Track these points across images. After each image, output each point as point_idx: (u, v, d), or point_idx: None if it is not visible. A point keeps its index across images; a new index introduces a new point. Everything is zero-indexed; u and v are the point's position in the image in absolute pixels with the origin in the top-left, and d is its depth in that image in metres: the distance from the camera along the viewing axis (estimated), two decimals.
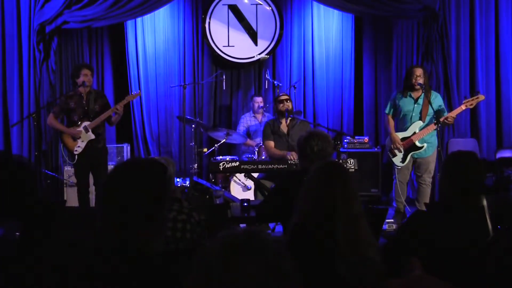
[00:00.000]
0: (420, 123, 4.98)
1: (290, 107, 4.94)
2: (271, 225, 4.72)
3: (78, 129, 4.93)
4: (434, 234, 2.05)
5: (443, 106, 5.08)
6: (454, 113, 4.99)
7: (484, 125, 6.34)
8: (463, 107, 4.99)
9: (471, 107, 5.08)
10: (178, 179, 5.69)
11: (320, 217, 1.82)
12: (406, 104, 5.02)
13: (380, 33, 6.85)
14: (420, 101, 4.97)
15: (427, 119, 4.98)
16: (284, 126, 4.94)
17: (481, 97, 5.05)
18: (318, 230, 1.80)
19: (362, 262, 1.76)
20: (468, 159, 2.26)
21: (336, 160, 3.86)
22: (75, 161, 4.98)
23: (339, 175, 1.94)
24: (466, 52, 6.30)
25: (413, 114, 4.99)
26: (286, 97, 4.98)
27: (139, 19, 6.59)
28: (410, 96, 5.02)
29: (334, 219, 1.80)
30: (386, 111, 5.20)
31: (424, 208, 4.68)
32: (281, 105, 4.90)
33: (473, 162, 2.25)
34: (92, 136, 4.96)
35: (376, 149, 6.30)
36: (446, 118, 4.88)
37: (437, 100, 5.05)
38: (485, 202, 2.23)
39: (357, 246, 1.78)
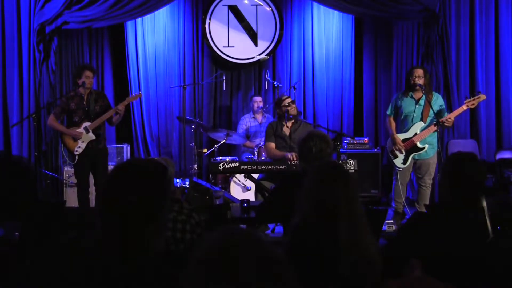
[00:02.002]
0: (421, 124, 4.98)
1: (294, 110, 4.93)
2: (271, 225, 4.72)
3: (79, 129, 4.93)
4: (434, 235, 2.05)
5: (443, 107, 5.07)
6: (455, 113, 4.99)
7: (484, 126, 6.34)
8: (464, 107, 4.98)
9: (473, 107, 5.07)
10: (178, 180, 5.69)
11: (322, 218, 1.82)
12: (408, 105, 5.02)
13: (380, 34, 6.86)
14: (422, 102, 4.96)
15: (428, 120, 4.97)
16: (286, 129, 4.94)
17: (483, 97, 5.03)
18: (319, 230, 1.80)
19: (363, 262, 1.76)
20: (468, 160, 2.26)
21: (335, 160, 3.86)
22: (75, 162, 4.98)
23: (340, 175, 1.94)
24: (466, 53, 6.30)
25: (415, 115, 4.98)
26: (289, 100, 4.96)
27: (139, 20, 6.59)
28: (412, 97, 5.01)
29: (336, 219, 1.80)
30: (388, 112, 5.19)
31: (424, 210, 4.68)
32: (284, 108, 4.89)
33: (473, 163, 2.25)
34: (93, 137, 4.96)
35: (376, 150, 6.30)
36: (446, 119, 4.88)
37: (438, 101, 5.04)
38: (485, 203, 2.23)
39: (359, 246, 1.78)
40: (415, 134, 4.98)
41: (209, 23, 6.75)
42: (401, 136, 5.03)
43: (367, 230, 1.85)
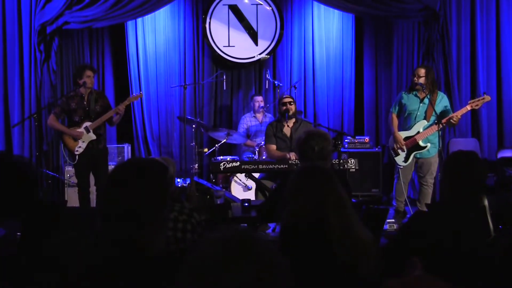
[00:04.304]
0: (424, 123, 4.97)
1: (293, 109, 4.93)
2: (271, 225, 4.72)
3: (79, 129, 4.93)
4: (435, 234, 2.04)
5: (448, 108, 5.06)
6: (459, 113, 4.97)
7: (485, 125, 6.33)
8: (468, 107, 4.96)
9: (477, 107, 5.05)
10: (178, 179, 5.69)
11: (311, 219, 1.82)
12: (412, 103, 5.01)
13: (380, 33, 6.85)
14: (426, 100, 4.95)
15: (432, 119, 4.96)
16: (287, 128, 4.93)
17: (487, 98, 5.00)
18: (310, 230, 1.80)
19: (357, 245, 1.76)
20: (469, 159, 2.26)
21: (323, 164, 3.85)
22: (75, 161, 4.98)
23: (325, 180, 1.90)
24: (467, 52, 6.29)
25: (418, 114, 4.98)
26: (289, 99, 4.97)
27: (139, 20, 6.59)
28: (416, 95, 5.01)
29: (326, 220, 1.80)
30: (392, 109, 5.20)
31: (425, 209, 4.67)
32: (284, 107, 4.90)
33: (474, 162, 2.25)
34: (93, 137, 4.96)
35: (376, 149, 6.30)
36: (451, 118, 4.86)
37: (443, 101, 5.03)
38: (486, 202, 2.23)
39: (350, 233, 1.78)
40: (418, 132, 4.97)
41: (210, 23, 6.75)
42: (403, 134, 5.03)
43: (358, 221, 1.85)
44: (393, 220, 4.95)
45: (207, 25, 6.74)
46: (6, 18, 6.02)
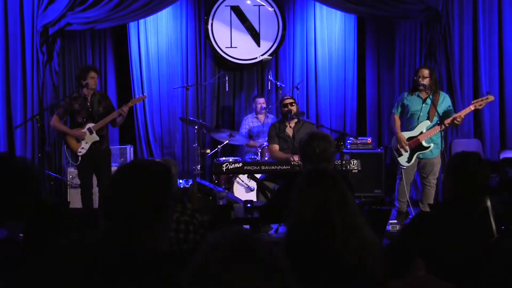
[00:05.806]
0: (427, 123, 4.97)
1: (295, 110, 4.95)
2: (274, 226, 4.72)
3: (82, 130, 4.94)
4: (437, 235, 2.04)
5: (451, 108, 5.05)
6: (463, 113, 4.97)
7: (488, 125, 6.32)
8: (472, 107, 4.96)
9: (480, 107, 5.04)
10: (181, 181, 5.69)
11: (317, 220, 1.82)
12: (414, 104, 5.01)
13: (382, 34, 6.85)
14: (428, 101, 4.95)
15: (435, 119, 4.96)
16: (289, 129, 4.94)
17: (491, 98, 4.99)
18: (315, 231, 1.80)
19: (361, 245, 1.76)
20: (472, 159, 2.25)
21: (326, 166, 3.85)
22: (78, 163, 4.99)
23: (327, 177, 1.91)
24: (469, 53, 6.28)
25: (421, 114, 4.97)
26: (290, 100, 4.99)
27: (142, 21, 6.60)
28: (418, 96, 5.00)
29: (331, 223, 1.80)
30: (393, 111, 5.20)
31: (428, 210, 4.66)
32: (286, 108, 4.92)
33: (477, 163, 2.24)
34: (96, 138, 4.97)
35: (379, 149, 6.29)
36: (455, 118, 4.86)
37: (445, 101, 5.02)
38: (489, 203, 2.23)
39: (355, 233, 1.78)
40: (421, 132, 4.97)
41: (212, 24, 6.76)
42: (406, 134, 5.03)
43: (363, 222, 1.85)
44: (395, 221, 4.94)
45: (209, 26, 6.74)
46: (8, 19, 6.03)
